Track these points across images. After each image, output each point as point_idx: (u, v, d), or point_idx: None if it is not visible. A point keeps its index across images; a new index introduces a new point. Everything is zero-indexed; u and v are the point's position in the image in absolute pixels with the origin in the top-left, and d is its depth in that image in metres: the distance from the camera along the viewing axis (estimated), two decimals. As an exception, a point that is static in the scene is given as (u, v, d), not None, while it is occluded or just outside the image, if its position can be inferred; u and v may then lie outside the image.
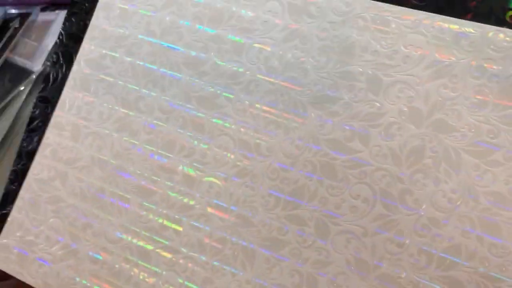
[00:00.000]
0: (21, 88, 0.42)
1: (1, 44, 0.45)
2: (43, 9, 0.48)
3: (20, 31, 0.46)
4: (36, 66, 0.43)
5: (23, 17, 0.47)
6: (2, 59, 0.44)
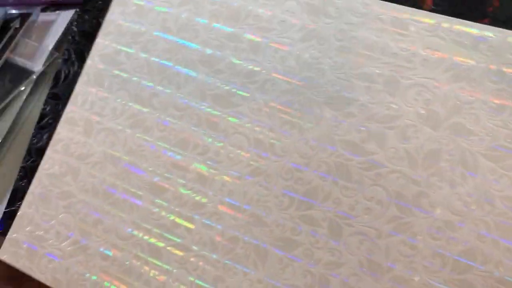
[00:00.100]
0: (21, 88, 0.42)
1: (1, 44, 0.44)
2: (44, 9, 0.48)
3: (20, 32, 0.46)
4: (37, 66, 0.43)
5: (24, 17, 0.47)
6: (2, 59, 0.44)
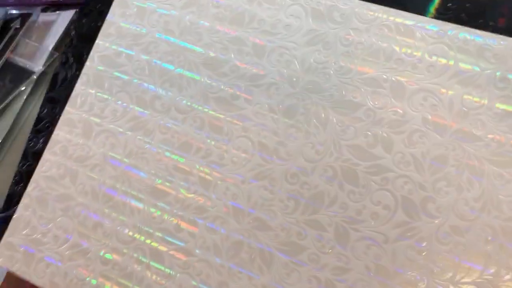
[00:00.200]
0: (22, 89, 0.41)
1: (2, 44, 0.44)
2: (44, 9, 0.47)
3: (21, 32, 0.45)
4: (37, 66, 0.42)
5: (24, 17, 0.47)
6: (3, 59, 0.43)
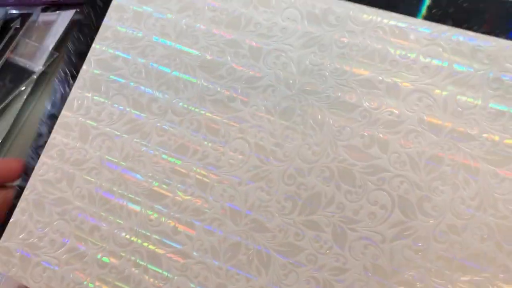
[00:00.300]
0: (22, 89, 0.41)
1: (2, 44, 0.44)
2: (44, 9, 0.48)
3: (21, 32, 0.45)
4: (37, 66, 0.42)
5: (24, 17, 0.47)
6: (3, 59, 0.43)
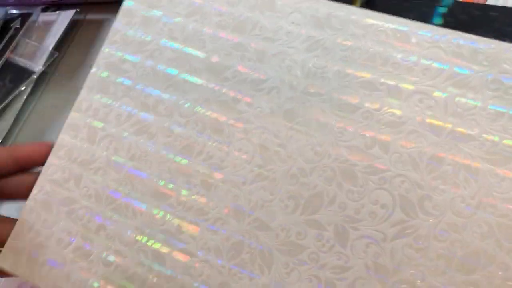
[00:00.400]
0: (22, 89, 0.42)
1: (2, 44, 0.44)
2: (44, 9, 0.48)
3: (21, 32, 0.46)
4: (37, 66, 0.43)
5: (24, 17, 0.47)
6: (3, 59, 0.44)
